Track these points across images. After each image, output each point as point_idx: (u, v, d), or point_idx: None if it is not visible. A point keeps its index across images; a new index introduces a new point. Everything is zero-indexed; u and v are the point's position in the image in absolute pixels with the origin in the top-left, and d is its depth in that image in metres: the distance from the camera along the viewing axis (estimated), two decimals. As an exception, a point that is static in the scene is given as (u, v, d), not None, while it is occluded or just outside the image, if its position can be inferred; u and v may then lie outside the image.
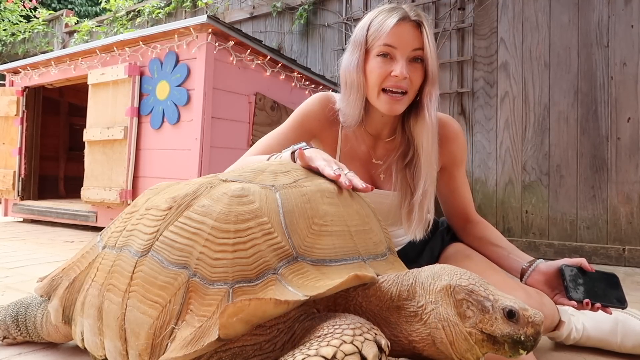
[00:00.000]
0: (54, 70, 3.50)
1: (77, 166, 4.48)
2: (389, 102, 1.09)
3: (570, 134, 2.72)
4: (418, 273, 0.71)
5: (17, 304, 1.08)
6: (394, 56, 1.07)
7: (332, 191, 0.81)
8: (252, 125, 2.94)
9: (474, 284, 0.65)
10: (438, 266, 0.71)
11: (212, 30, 2.64)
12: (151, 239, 0.77)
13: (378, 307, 0.71)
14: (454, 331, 0.64)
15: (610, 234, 2.57)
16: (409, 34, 1.06)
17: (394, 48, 1.07)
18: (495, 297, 0.64)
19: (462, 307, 0.65)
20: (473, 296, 0.64)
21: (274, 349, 0.66)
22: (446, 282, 0.66)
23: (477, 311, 0.64)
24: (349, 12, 3.64)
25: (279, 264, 0.69)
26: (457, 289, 0.65)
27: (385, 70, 1.07)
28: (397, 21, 1.05)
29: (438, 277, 0.68)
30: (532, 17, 2.86)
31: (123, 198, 2.95)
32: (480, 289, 0.65)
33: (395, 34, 1.06)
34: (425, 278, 0.69)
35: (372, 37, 1.09)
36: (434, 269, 0.70)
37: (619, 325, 1.10)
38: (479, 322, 0.63)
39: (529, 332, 0.62)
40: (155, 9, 4.98)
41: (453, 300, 0.65)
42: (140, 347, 0.70)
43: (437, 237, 1.29)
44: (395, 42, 1.06)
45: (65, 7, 9.58)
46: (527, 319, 0.63)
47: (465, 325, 0.64)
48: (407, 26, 1.06)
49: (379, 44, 1.07)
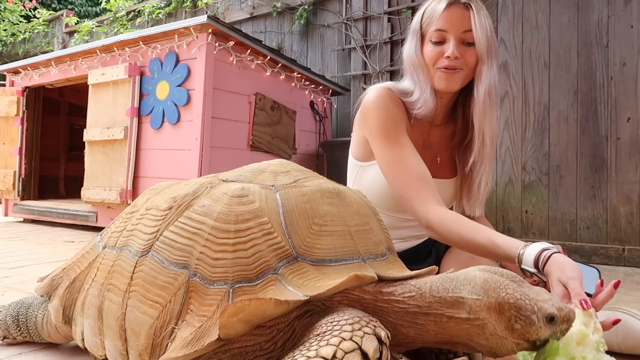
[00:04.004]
0: (54, 70, 3.50)
1: (77, 166, 4.49)
2: (444, 77, 1.13)
3: (570, 134, 2.72)
4: (456, 285, 0.70)
5: (18, 304, 1.08)
6: (446, 39, 1.13)
7: (332, 191, 0.81)
8: (252, 125, 2.94)
9: (520, 298, 0.67)
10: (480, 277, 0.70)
11: (212, 30, 2.64)
12: (151, 239, 0.77)
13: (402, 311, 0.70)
14: (499, 342, 0.67)
15: (610, 234, 2.57)
16: (458, 17, 1.12)
17: (445, 32, 1.13)
18: (539, 306, 0.66)
19: (510, 321, 0.67)
20: (521, 312, 0.66)
21: (275, 348, 0.66)
22: (494, 300, 0.67)
23: (524, 325, 0.66)
24: (349, 12, 3.64)
25: (279, 264, 0.69)
26: (507, 306, 0.67)
27: (439, 52, 1.13)
28: (447, 6, 1.12)
29: (485, 293, 0.68)
30: (532, 17, 2.86)
31: (123, 198, 2.95)
32: (527, 304, 0.66)
33: (445, 18, 1.12)
34: (469, 293, 0.68)
35: (426, 24, 1.17)
36: (477, 281, 0.69)
37: (619, 325, 1.10)
38: (526, 333, 0.66)
39: (564, 327, 0.67)
40: (155, 9, 4.98)
41: (502, 317, 0.67)
42: (141, 347, 0.70)
43: None
44: (446, 26, 1.12)
45: (65, 7, 9.58)
46: (564, 318, 0.67)
47: (513, 337, 0.67)
48: (456, 9, 1.12)
49: (431, 29, 1.14)
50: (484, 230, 0.98)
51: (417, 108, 1.17)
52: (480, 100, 1.15)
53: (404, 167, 1.10)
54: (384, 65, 3.44)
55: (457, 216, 1.04)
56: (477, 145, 1.19)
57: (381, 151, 1.14)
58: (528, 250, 0.89)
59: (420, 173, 1.10)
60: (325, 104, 3.65)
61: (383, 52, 3.45)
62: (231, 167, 1.00)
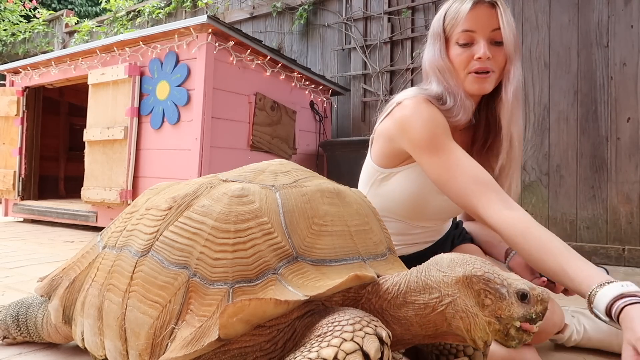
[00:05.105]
0: (54, 70, 3.50)
1: (77, 166, 4.48)
2: (477, 81, 1.08)
3: (570, 134, 2.72)
4: (427, 267, 0.71)
5: (18, 304, 1.08)
6: (474, 40, 1.08)
7: (332, 191, 0.81)
8: (252, 125, 2.94)
9: (487, 271, 0.67)
10: (447, 257, 0.71)
11: (212, 30, 2.64)
12: (151, 239, 0.77)
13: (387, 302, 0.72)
14: (472, 321, 0.66)
15: (610, 234, 2.57)
16: (486, 16, 1.06)
17: (473, 32, 1.07)
18: (509, 282, 0.66)
19: (480, 296, 0.66)
20: (490, 285, 0.65)
21: (275, 348, 0.66)
22: (462, 274, 0.67)
23: (494, 299, 0.65)
24: (349, 12, 3.63)
25: (279, 264, 0.69)
26: (475, 279, 0.66)
27: (468, 55, 1.08)
28: (472, 5, 1.06)
29: (451, 268, 0.68)
30: (532, 17, 2.86)
31: (123, 198, 2.95)
32: (495, 277, 0.66)
33: (472, 18, 1.06)
34: (436, 271, 0.69)
35: (450, 26, 1.10)
36: (443, 261, 0.71)
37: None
38: (497, 309, 0.65)
39: (538, 309, 0.66)
40: (155, 9, 4.98)
41: (471, 290, 0.66)
42: (141, 347, 0.70)
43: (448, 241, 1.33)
44: (474, 26, 1.07)
45: (65, 7, 9.57)
46: (537, 297, 0.66)
47: (484, 314, 0.65)
48: (483, 8, 1.07)
49: (457, 31, 1.08)
50: (555, 252, 0.85)
51: (455, 115, 1.10)
52: (509, 101, 1.11)
53: (458, 173, 1.02)
54: (384, 65, 3.44)
55: (526, 226, 0.91)
56: (505, 147, 1.14)
57: (430, 162, 1.05)
58: (602, 292, 0.76)
59: (477, 176, 1.00)
60: (325, 104, 3.65)
61: (383, 52, 3.45)
62: (231, 167, 1.00)
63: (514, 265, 1.13)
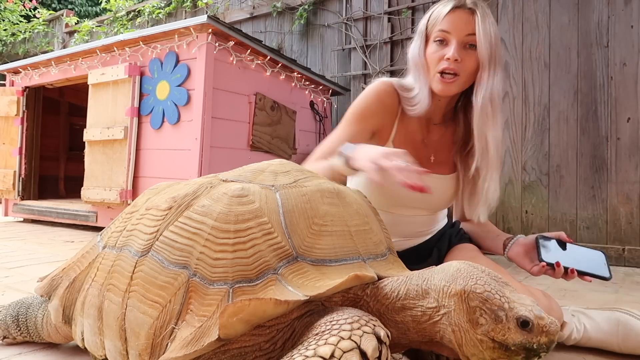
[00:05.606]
0: (54, 70, 3.50)
1: (77, 166, 4.48)
2: (441, 82, 1.16)
3: (570, 134, 2.72)
4: (431, 274, 0.70)
5: (18, 304, 1.08)
6: (448, 41, 1.15)
7: (332, 191, 0.81)
8: (252, 125, 2.94)
9: (489, 290, 0.63)
10: (454, 266, 0.69)
11: (212, 30, 2.64)
12: (151, 239, 0.77)
13: (385, 307, 0.71)
14: (464, 336, 0.64)
15: (610, 234, 2.57)
16: (462, 20, 1.14)
17: (448, 33, 1.15)
18: (511, 306, 0.62)
19: (474, 314, 0.63)
20: (487, 304, 0.63)
21: (274, 348, 0.66)
22: (461, 287, 0.65)
23: (489, 320, 0.62)
24: (349, 12, 3.63)
25: (279, 264, 0.69)
26: (472, 295, 0.64)
27: (440, 54, 1.15)
28: (452, 8, 1.15)
29: (454, 280, 0.66)
30: (532, 17, 2.86)
31: (123, 198, 2.95)
32: (495, 297, 0.63)
33: (449, 20, 1.14)
34: (439, 280, 0.68)
35: (431, 25, 1.19)
36: (450, 269, 0.69)
37: (619, 325, 1.10)
38: (491, 331, 0.62)
39: (542, 340, 0.61)
40: (155, 9, 4.98)
41: (466, 306, 0.64)
42: (141, 347, 0.70)
43: (445, 238, 1.32)
44: (449, 28, 1.14)
45: (65, 7, 9.58)
46: (542, 328, 0.61)
47: (477, 333, 0.63)
48: (461, 13, 1.14)
49: (435, 30, 1.17)
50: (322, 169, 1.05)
51: (413, 104, 1.20)
52: (479, 106, 1.17)
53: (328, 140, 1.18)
54: (384, 65, 3.44)
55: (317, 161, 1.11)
56: (478, 150, 1.20)
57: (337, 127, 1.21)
58: None
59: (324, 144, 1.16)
60: (325, 104, 3.65)
61: (383, 52, 3.45)
62: (231, 167, 1.00)
63: (513, 255, 1.15)
